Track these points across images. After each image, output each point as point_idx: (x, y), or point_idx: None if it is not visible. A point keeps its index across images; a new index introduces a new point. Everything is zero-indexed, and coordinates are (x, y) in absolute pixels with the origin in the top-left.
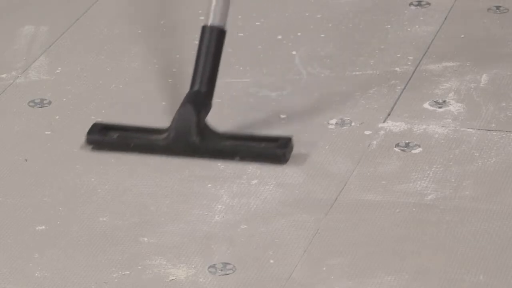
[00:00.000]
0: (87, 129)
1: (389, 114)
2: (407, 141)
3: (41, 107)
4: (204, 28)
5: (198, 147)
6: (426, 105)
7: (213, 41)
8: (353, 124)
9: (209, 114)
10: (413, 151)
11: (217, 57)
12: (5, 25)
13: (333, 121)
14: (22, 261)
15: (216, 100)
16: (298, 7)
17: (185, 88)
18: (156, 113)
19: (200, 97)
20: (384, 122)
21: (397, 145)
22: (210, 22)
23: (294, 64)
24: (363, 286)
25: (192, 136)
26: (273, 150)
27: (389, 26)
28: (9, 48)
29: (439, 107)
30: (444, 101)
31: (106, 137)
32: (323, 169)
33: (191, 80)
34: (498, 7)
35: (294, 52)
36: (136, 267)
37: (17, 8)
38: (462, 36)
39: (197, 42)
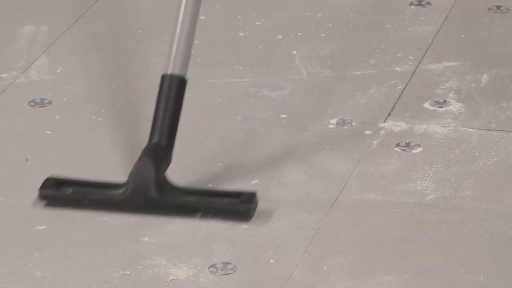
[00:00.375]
0: (88, 129)
1: (389, 114)
2: (407, 141)
3: (41, 106)
4: (163, 77)
5: (158, 203)
6: (427, 105)
7: (173, 91)
8: (353, 123)
9: (206, 115)
10: (413, 151)
11: (177, 108)
12: (6, 25)
13: (334, 120)
14: (22, 261)
15: (216, 100)
16: (298, 7)
17: (187, 88)
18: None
19: (159, 150)
20: (384, 121)
21: (398, 144)
22: (170, 71)
23: (294, 64)
24: (363, 286)
25: (151, 191)
26: (236, 206)
27: (389, 25)
28: (10, 48)
29: (440, 107)
30: (445, 101)
31: (60, 192)
32: (324, 169)
33: (150, 132)
34: (498, 7)
35: (294, 52)
36: (137, 267)
37: (17, 8)
38: (463, 36)
39: (197, 42)
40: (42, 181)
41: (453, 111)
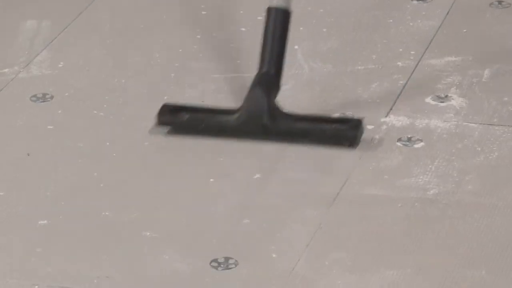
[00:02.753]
0: (89, 124)
1: (391, 109)
2: (409, 136)
3: (43, 101)
4: (269, 10)
5: (270, 129)
6: (429, 100)
7: (278, 22)
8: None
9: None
10: (415, 146)
11: (283, 38)
12: (8, 19)
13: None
14: (24, 255)
15: (218, 94)
16: (300, 2)
17: (188, 83)
18: (158, 108)
19: (269, 79)
20: (386, 116)
21: (400, 139)
22: (275, 4)
23: (296, 58)
24: (365, 280)
25: (263, 118)
26: (344, 132)
27: (391, 20)
28: (12, 43)
29: (442, 102)
30: (446, 96)
31: (177, 118)
32: (326, 163)
33: (260, 61)
34: (500, 2)
35: (296, 47)
36: (139, 262)
37: (19, 3)
38: (464, 30)
39: (199, 37)
40: (44, 175)
41: (455, 106)
